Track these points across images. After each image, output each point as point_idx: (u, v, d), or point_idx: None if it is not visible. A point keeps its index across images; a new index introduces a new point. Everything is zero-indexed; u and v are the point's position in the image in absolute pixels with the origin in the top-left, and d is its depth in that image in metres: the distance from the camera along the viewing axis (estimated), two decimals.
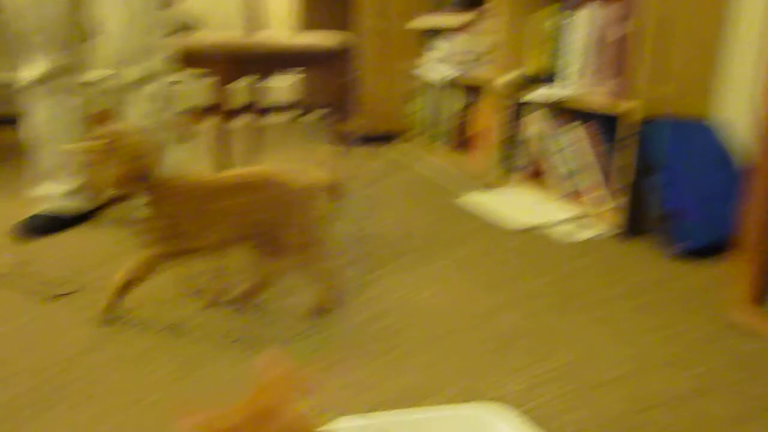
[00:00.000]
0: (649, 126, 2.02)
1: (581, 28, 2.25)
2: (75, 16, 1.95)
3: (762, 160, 1.54)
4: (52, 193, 2.08)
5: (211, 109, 2.09)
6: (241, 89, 2.74)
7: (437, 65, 2.98)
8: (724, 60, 2.17)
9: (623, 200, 2.12)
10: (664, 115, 2.08)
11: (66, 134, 2.03)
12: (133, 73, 1.93)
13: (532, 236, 2.12)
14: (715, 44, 2.15)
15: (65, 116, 2.02)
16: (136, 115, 1.98)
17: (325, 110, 4.07)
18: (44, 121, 2.02)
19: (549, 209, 2.35)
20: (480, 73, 2.86)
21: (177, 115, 2.05)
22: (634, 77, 2.06)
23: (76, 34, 1.98)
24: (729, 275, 1.77)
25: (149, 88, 1.95)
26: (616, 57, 2.15)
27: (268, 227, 1.46)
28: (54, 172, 2.06)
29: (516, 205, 2.40)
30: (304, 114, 4.02)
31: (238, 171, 1.49)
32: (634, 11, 2.06)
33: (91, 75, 2.07)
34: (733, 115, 2.16)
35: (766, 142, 1.52)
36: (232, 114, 2.10)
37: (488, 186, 2.66)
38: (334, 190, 1.52)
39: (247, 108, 2.71)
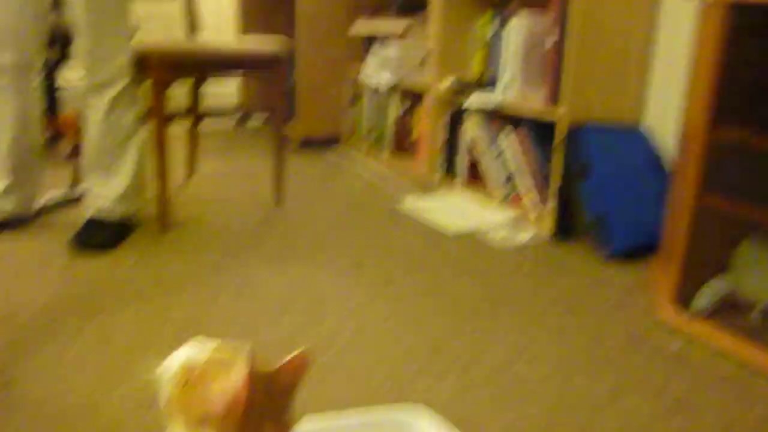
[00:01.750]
0: (578, 132, 2.08)
1: (515, 36, 2.30)
2: (31, 16, 1.92)
3: (682, 164, 1.60)
4: None
5: (149, 114, 2.06)
6: (180, 94, 2.70)
7: (377, 70, 3.00)
8: (652, 68, 2.25)
9: (555, 205, 2.17)
10: (593, 121, 2.14)
11: (6, 133, 1.98)
12: (99, 75, 1.94)
13: (469, 241, 2.15)
14: (644, 53, 2.22)
15: (7, 115, 1.97)
16: (97, 118, 1.96)
17: (264, 115, 4.05)
18: None
19: (486, 214, 2.38)
20: (419, 78, 2.89)
21: (136, 119, 2.02)
22: (563, 84, 2.12)
23: (30, 34, 1.94)
24: (654, 277, 1.83)
25: (111, 91, 1.95)
26: (548, 64, 2.20)
27: None
28: None
29: (454, 210, 2.43)
30: (243, 119, 3.99)
31: None
32: (562, 20, 2.11)
33: (67, 76, 2.01)
34: (662, 121, 2.23)
35: (687, 148, 1.58)
36: (170, 119, 2.08)
37: (427, 190, 2.69)
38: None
39: (186, 113, 2.68)
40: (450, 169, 2.78)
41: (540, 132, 2.34)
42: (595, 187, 2.03)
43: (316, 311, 1.61)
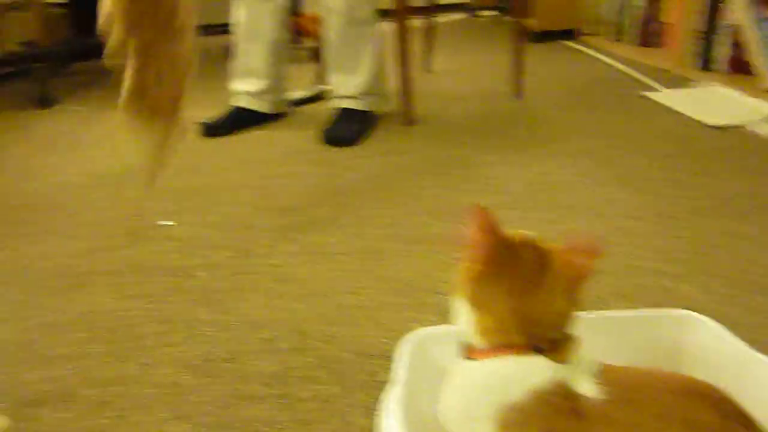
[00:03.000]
0: None
1: None
2: None
3: None
4: (245, 90, 2.19)
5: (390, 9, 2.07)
6: None
7: None
8: None
9: None
10: None
11: (261, 35, 2.10)
12: None
13: (731, 134, 1.94)
14: None
15: (262, 18, 2.09)
16: (335, 13, 2.01)
17: (499, 6, 3.91)
18: (242, 21, 2.11)
19: (750, 106, 2.13)
20: None
21: (373, 13, 2.04)
22: None
23: None
24: None
25: None
26: None
27: None
28: (248, 70, 2.16)
29: (712, 102, 2.20)
30: (474, 12, 3.89)
31: None
32: None
33: None
34: None
35: None
36: (411, 12, 2.06)
37: (679, 82, 2.45)
38: None
39: (422, 7, 2.66)
40: (706, 57, 2.50)
41: None
42: None
43: (562, 207, 1.56)
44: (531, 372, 0.64)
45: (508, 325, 0.65)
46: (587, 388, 0.63)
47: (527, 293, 0.66)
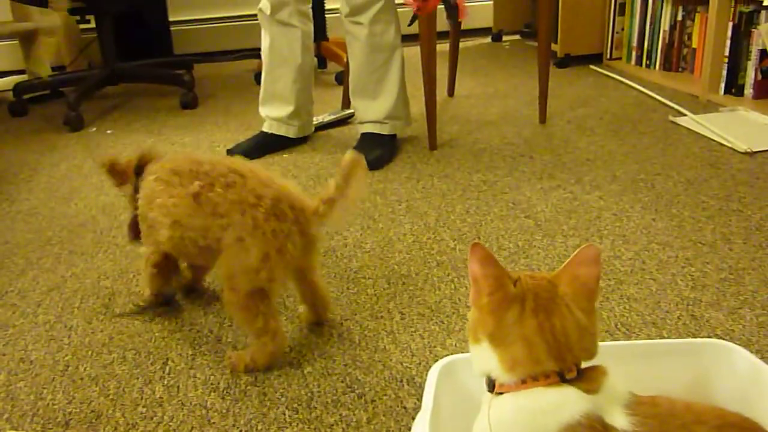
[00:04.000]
0: None
1: None
2: None
3: None
4: (271, 115, 2.21)
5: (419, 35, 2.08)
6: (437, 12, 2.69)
7: None
8: None
9: None
10: None
11: (287, 61, 2.12)
12: None
13: (760, 160, 1.92)
14: None
15: (287, 44, 2.11)
16: (359, 39, 2.03)
17: (522, 31, 3.92)
18: (268, 47, 2.14)
19: None
20: None
21: (396, 37, 2.05)
22: None
23: None
24: None
25: (371, 12, 1.99)
26: None
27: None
28: (274, 96, 2.18)
29: (740, 127, 2.17)
30: (497, 36, 3.89)
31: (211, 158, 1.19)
32: None
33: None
34: None
35: None
36: (436, 37, 2.08)
37: (707, 106, 2.43)
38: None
39: (446, 32, 2.67)
40: (733, 83, 2.48)
41: None
42: None
43: (590, 233, 1.55)
44: (562, 405, 0.63)
45: (538, 349, 0.65)
46: (619, 420, 0.62)
47: (546, 311, 0.66)
